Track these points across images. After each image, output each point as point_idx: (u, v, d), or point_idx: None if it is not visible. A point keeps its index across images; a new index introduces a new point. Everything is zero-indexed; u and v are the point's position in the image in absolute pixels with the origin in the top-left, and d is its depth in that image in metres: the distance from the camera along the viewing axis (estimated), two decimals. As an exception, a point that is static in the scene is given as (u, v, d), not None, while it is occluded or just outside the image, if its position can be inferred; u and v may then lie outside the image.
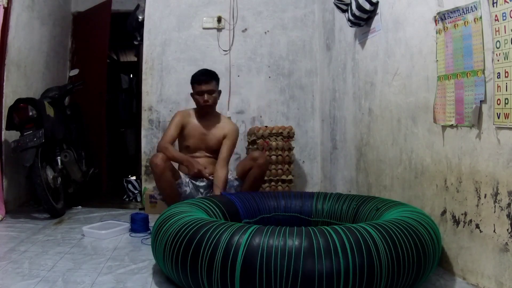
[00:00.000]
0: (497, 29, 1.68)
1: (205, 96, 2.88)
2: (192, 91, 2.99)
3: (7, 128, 3.11)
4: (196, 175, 2.83)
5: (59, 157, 3.39)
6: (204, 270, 1.59)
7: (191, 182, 2.92)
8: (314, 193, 2.63)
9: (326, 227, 1.63)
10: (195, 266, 1.61)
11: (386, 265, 1.53)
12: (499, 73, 1.68)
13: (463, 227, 1.94)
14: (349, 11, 2.90)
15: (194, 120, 2.98)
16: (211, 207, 2.24)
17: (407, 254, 1.59)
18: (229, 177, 2.95)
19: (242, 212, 2.44)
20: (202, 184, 2.92)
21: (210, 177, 2.84)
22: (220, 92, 3.05)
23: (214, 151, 3.01)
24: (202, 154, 3.03)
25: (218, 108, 3.88)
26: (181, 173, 2.94)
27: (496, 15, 1.68)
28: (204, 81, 2.89)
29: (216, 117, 3.07)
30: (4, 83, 3.19)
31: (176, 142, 3.05)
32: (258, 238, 1.55)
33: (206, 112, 2.97)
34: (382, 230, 1.62)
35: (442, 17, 2.04)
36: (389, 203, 2.17)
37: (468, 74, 1.88)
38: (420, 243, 1.65)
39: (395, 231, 1.64)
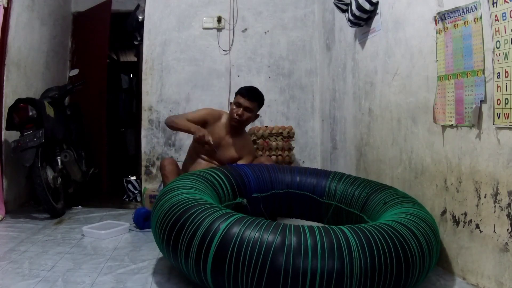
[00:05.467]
0: (497, 29, 1.68)
1: (241, 110, 2.77)
2: (233, 100, 2.88)
3: (7, 128, 3.10)
4: (200, 140, 2.65)
5: (59, 157, 3.39)
6: (183, 251, 1.64)
7: None
8: (330, 173, 2.58)
9: (304, 226, 1.62)
10: (176, 246, 1.68)
11: (358, 270, 1.49)
12: (499, 73, 1.68)
13: (463, 227, 1.94)
14: (349, 11, 2.90)
15: (222, 126, 2.84)
16: (219, 179, 2.24)
17: (385, 261, 1.52)
18: None
19: (253, 185, 2.40)
20: None
21: (211, 142, 2.66)
22: (257, 116, 2.93)
23: (221, 163, 2.87)
24: (209, 161, 2.90)
25: (219, 107, 3.90)
26: None
27: (496, 15, 1.68)
28: (248, 97, 2.78)
29: (243, 136, 2.95)
30: (4, 83, 3.18)
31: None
32: (236, 228, 1.57)
33: (234, 125, 2.84)
34: (360, 234, 1.58)
35: (442, 17, 2.04)
36: (397, 198, 2.11)
37: (468, 74, 1.88)
38: (403, 251, 1.58)
39: (376, 235, 1.59)
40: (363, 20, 2.86)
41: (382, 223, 1.74)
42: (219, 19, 3.97)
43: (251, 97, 2.81)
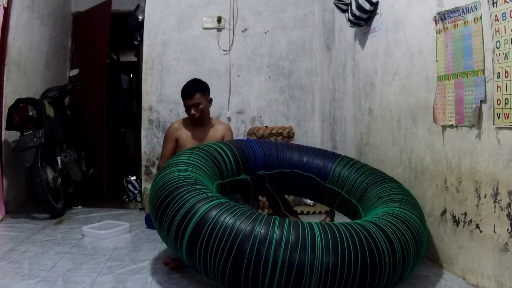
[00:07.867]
0: (497, 29, 1.68)
1: (192, 110, 2.84)
2: None
3: (7, 128, 3.11)
4: None
5: (59, 157, 3.39)
6: (165, 226, 1.74)
7: None
8: (338, 156, 2.55)
9: (277, 217, 1.65)
10: (161, 221, 1.77)
11: (318, 267, 1.51)
12: (499, 73, 1.68)
13: (463, 227, 1.94)
14: (349, 11, 2.90)
15: (187, 130, 2.90)
16: (224, 154, 2.25)
17: (348, 262, 1.54)
18: None
19: (259, 162, 2.41)
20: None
21: None
22: (210, 100, 2.97)
23: None
24: None
25: (218, 108, 3.92)
26: None
27: (496, 15, 1.68)
28: (188, 96, 2.83)
29: (209, 122, 3.00)
30: (4, 83, 3.19)
31: None
32: (214, 212, 1.64)
33: (198, 122, 2.91)
34: (328, 232, 1.59)
35: (442, 17, 2.04)
36: (393, 194, 2.10)
37: (468, 74, 1.88)
38: (370, 253, 1.58)
39: (344, 235, 1.60)
40: (363, 20, 2.86)
41: (356, 222, 1.74)
42: (219, 19, 3.97)
43: (190, 94, 2.84)
